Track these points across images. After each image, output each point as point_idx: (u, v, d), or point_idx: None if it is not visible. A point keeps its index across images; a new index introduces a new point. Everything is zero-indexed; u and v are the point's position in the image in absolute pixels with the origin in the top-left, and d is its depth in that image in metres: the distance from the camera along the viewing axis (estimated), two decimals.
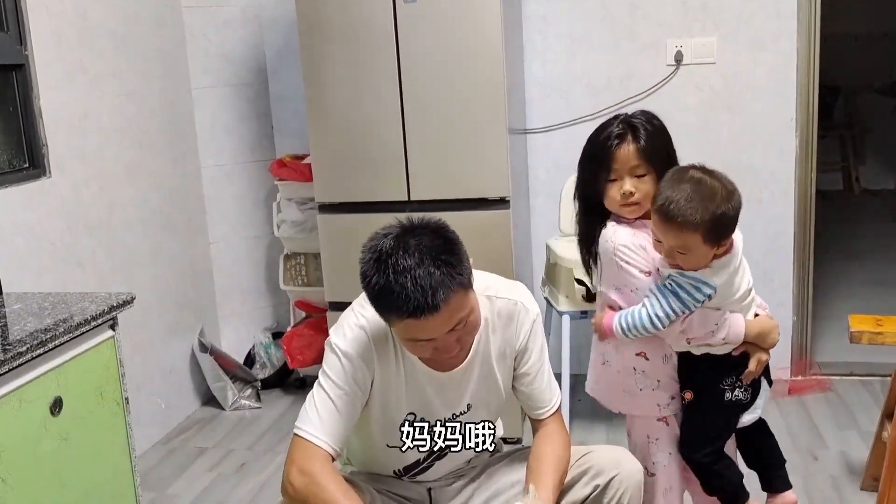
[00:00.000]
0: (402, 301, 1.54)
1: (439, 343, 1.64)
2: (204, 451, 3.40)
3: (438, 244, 1.59)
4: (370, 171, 3.17)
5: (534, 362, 1.87)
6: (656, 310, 1.92)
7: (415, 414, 1.83)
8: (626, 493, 1.80)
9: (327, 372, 1.75)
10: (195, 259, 3.78)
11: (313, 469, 1.66)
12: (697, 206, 1.81)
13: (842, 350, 3.85)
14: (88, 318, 2.11)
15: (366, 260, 1.60)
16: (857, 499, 2.78)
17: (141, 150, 3.39)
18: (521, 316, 1.84)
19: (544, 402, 1.90)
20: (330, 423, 1.71)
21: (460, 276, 1.59)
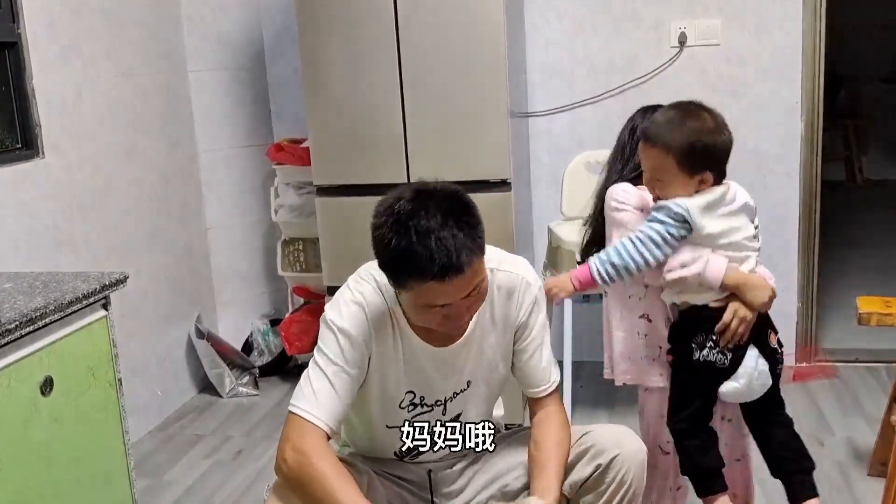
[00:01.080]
0: (427, 262, 1.51)
1: (452, 310, 1.61)
2: (201, 438, 3.35)
3: (458, 207, 1.56)
4: (369, 153, 3.12)
5: (534, 338, 1.83)
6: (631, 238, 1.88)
7: (414, 392, 1.79)
8: (628, 473, 1.75)
9: (323, 349, 1.70)
10: (192, 244, 3.74)
11: (307, 447, 1.62)
12: (676, 129, 1.82)
13: (847, 337, 3.83)
14: (80, 296, 2.06)
15: (383, 223, 1.56)
16: (864, 484, 2.74)
17: (136, 133, 3.34)
18: (522, 290, 1.80)
19: (543, 380, 1.86)
20: (326, 401, 1.66)
21: (479, 239, 1.57)
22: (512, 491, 1.87)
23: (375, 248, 1.59)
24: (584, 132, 3.62)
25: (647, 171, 1.90)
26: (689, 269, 1.88)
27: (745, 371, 1.94)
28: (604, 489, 1.76)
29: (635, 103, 3.55)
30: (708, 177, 1.88)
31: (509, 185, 3.06)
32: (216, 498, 2.90)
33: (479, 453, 1.93)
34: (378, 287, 1.74)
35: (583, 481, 1.78)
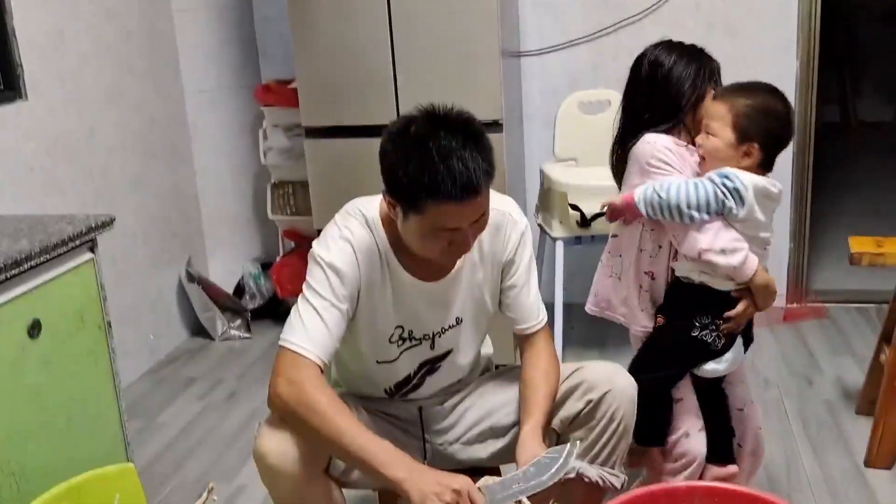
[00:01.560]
0: (450, 181, 1.51)
1: (459, 236, 1.61)
2: (193, 381, 3.36)
3: (473, 131, 1.58)
4: (358, 94, 3.08)
5: (521, 274, 1.83)
6: (689, 190, 1.84)
7: (402, 327, 1.79)
8: (619, 409, 1.76)
9: (312, 284, 1.69)
10: (180, 188, 3.70)
11: (301, 379, 1.61)
12: (747, 96, 1.87)
13: (838, 278, 3.84)
14: (66, 238, 2.04)
15: (399, 143, 1.57)
16: (851, 423, 2.76)
17: (120, 74, 3.28)
18: (509, 227, 1.81)
19: (531, 317, 1.85)
20: (316, 335, 1.65)
21: (492, 163, 1.58)
22: (502, 427, 1.88)
23: (389, 172, 1.58)
24: (578, 72, 3.57)
25: (706, 119, 1.90)
26: (728, 259, 1.86)
27: (732, 356, 1.99)
28: (594, 424, 1.77)
29: (630, 42, 3.53)
30: (753, 150, 1.87)
31: (501, 126, 3.02)
32: (209, 439, 2.92)
33: (470, 389, 1.94)
34: (366, 222, 1.72)
35: (573, 416, 1.79)
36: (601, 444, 1.78)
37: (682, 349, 1.99)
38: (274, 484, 1.70)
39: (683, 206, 1.84)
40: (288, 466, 1.65)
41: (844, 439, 2.67)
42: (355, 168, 3.07)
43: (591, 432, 1.78)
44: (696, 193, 1.83)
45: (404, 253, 1.72)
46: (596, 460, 1.79)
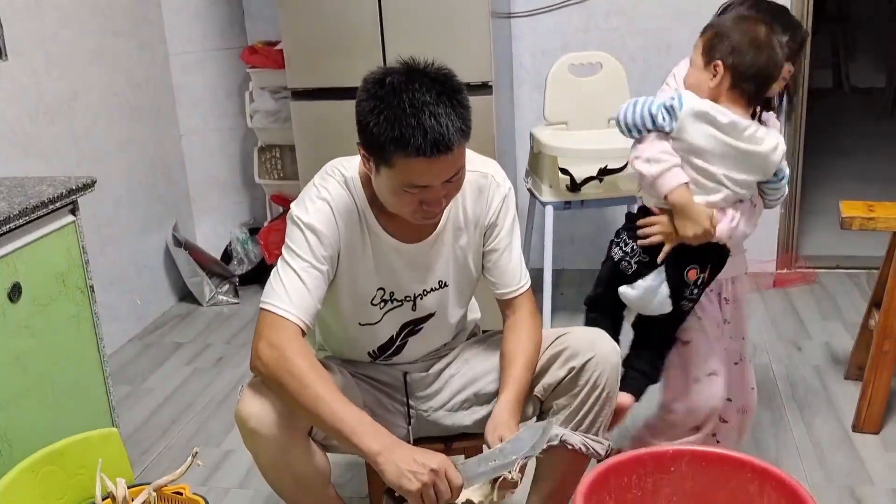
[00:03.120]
0: (420, 135, 1.48)
1: (430, 194, 1.57)
2: (181, 346, 3.34)
3: (451, 87, 1.54)
4: (345, 55, 3.02)
5: (502, 238, 1.80)
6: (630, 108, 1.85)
7: (384, 289, 1.76)
8: (602, 376, 1.74)
9: (291, 246, 1.66)
10: (166, 151, 3.65)
11: (282, 342, 1.59)
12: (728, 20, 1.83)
13: (828, 244, 3.83)
14: (45, 200, 2.00)
15: (373, 95, 1.52)
16: (840, 387, 2.77)
17: (103, 35, 3.21)
18: (491, 190, 1.77)
19: (512, 281, 1.82)
20: (297, 297, 1.63)
21: (468, 122, 1.54)
22: (486, 394, 1.86)
23: (361, 122, 1.54)
24: (569, 33, 3.52)
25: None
26: (649, 168, 1.83)
27: (643, 285, 1.91)
28: (577, 391, 1.75)
29: (622, 3, 3.48)
30: (718, 69, 1.80)
31: (490, 89, 2.98)
32: (197, 403, 2.91)
33: (455, 355, 1.93)
34: (345, 182, 1.70)
35: (556, 384, 1.77)
36: (584, 411, 1.76)
37: (604, 267, 2.00)
38: (256, 447, 1.69)
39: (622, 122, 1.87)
40: (269, 430, 1.63)
41: (833, 404, 2.68)
42: (342, 130, 2.99)
43: (574, 399, 1.76)
44: (634, 111, 1.85)
45: (384, 213, 1.70)
46: (579, 428, 1.78)
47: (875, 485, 2.28)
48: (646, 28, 3.49)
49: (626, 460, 1.68)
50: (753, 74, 1.80)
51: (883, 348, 2.45)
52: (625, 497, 1.67)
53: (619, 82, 3.23)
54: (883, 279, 2.55)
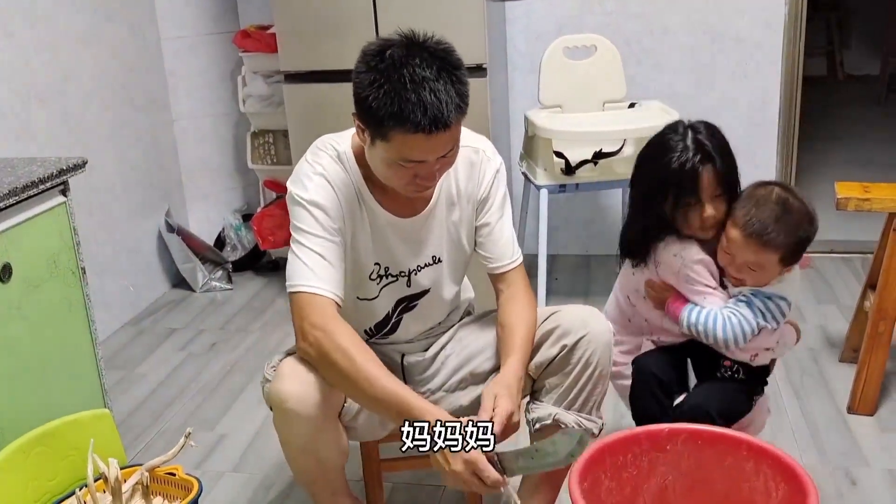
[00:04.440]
0: (419, 111, 1.46)
1: (424, 169, 1.56)
2: (174, 332, 3.32)
3: (451, 62, 1.52)
4: (338, 38, 3.00)
5: (494, 212, 1.80)
6: (742, 326, 1.88)
7: (380, 263, 1.76)
8: (594, 354, 1.73)
9: (299, 226, 1.64)
10: (158, 136, 3.62)
11: (325, 322, 1.58)
12: (783, 228, 1.81)
13: (823, 228, 3.72)
14: (35, 180, 1.98)
15: (372, 67, 1.50)
16: (835, 370, 2.77)
17: (94, 17, 3.18)
18: (483, 164, 1.77)
19: (505, 255, 1.81)
20: (323, 272, 1.61)
21: (466, 98, 1.54)
22: (482, 373, 1.86)
23: (360, 94, 1.52)
24: (564, 16, 3.50)
25: (743, 263, 1.86)
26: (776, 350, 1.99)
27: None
28: (569, 370, 1.74)
29: None
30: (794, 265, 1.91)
31: (485, 72, 2.96)
32: (190, 388, 2.89)
33: (450, 336, 1.91)
34: (338, 157, 1.68)
35: (548, 362, 1.76)
36: (577, 389, 1.76)
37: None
38: (290, 428, 1.67)
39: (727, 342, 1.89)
40: (308, 410, 1.62)
41: (828, 386, 2.68)
42: (336, 114, 2.98)
43: (567, 378, 1.75)
44: (735, 331, 1.87)
45: (378, 187, 1.69)
46: (572, 406, 1.77)
47: (870, 465, 2.28)
48: (640, 12, 3.47)
49: (621, 439, 1.67)
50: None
51: (878, 329, 2.45)
52: (620, 475, 1.67)
53: (613, 65, 3.22)
54: (878, 261, 2.55)
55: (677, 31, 3.48)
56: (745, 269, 1.87)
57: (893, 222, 2.42)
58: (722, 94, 3.53)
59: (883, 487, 2.19)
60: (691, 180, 1.85)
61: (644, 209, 1.96)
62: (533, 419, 1.81)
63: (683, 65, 3.51)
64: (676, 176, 1.86)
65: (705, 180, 1.85)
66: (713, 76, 3.52)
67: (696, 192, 1.85)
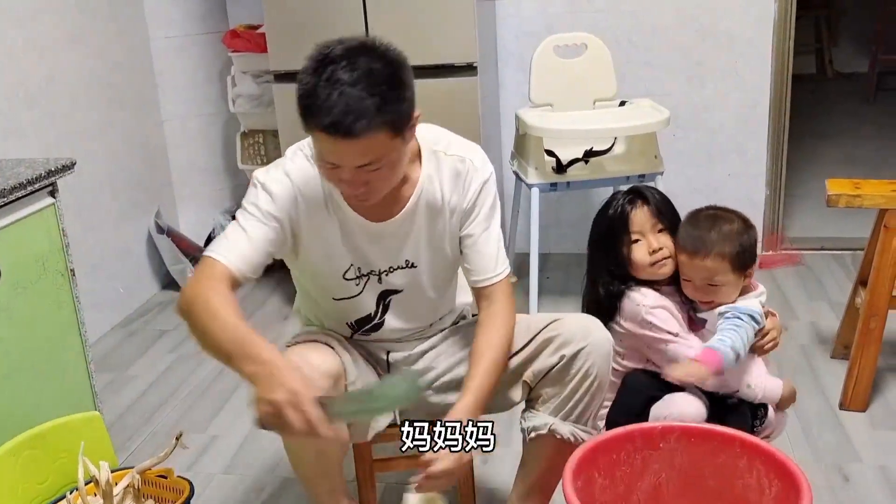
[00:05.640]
0: (324, 111, 1.45)
1: (344, 175, 1.53)
2: (165, 333, 3.31)
3: (386, 74, 1.48)
4: (328, 36, 2.92)
5: (479, 223, 1.74)
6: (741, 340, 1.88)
7: (353, 264, 1.75)
8: (594, 365, 1.72)
9: (243, 204, 1.68)
10: (147, 137, 3.60)
11: (204, 279, 1.58)
12: (719, 236, 1.88)
13: (813, 225, 3.85)
14: (24, 182, 1.97)
15: (312, 56, 1.51)
16: (826, 366, 2.77)
17: (81, 16, 3.17)
18: (469, 175, 1.72)
19: (486, 269, 1.75)
20: (235, 245, 1.62)
21: (391, 115, 1.48)
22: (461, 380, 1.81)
23: (298, 76, 1.53)
24: (554, 14, 3.50)
25: (701, 280, 1.92)
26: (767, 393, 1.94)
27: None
28: (568, 380, 1.73)
29: None
30: (752, 271, 1.95)
31: (475, 70, 2.96)
32: (181, 390, 2.88)
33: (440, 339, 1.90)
34: (312, 156, 1.67)
35: (546, 371, 1.75)
36: (575, 400, 1.74)
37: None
38: None
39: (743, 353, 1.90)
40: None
41: (820, 383, 2.68)
42: None
43: (565, 388, 1.74)
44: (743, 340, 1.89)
45: None
46: (569, 417, 1.76)
47: (862, 462, 2.28)
48: (630, 10, 3.48)
49: (614, 437, 1.67)
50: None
51: (869, 326, 2.45)
52: (613, 473, 1.66)
53: (603, 63, 3.22)
54: (869, 257, 2.56)
55: (667, 30, 3.49)
56: (707, 289, 1.93)
57: (884, 219, 2.43)
58: (712, 91, 3.53)
59: (875, 483, 2.19)
60: (624, 219, 1.97)
61: (598, 264, 2.05)
62: (528, 428, 1.80)
63: (674, 63, 3.52)
64: (612, 220, 1.99)
65: (640, 215, 1.97)
66: (703, 74, 3.52)
67: (629, 228, 1.96)
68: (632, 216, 1.97)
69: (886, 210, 2.41)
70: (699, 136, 3.60)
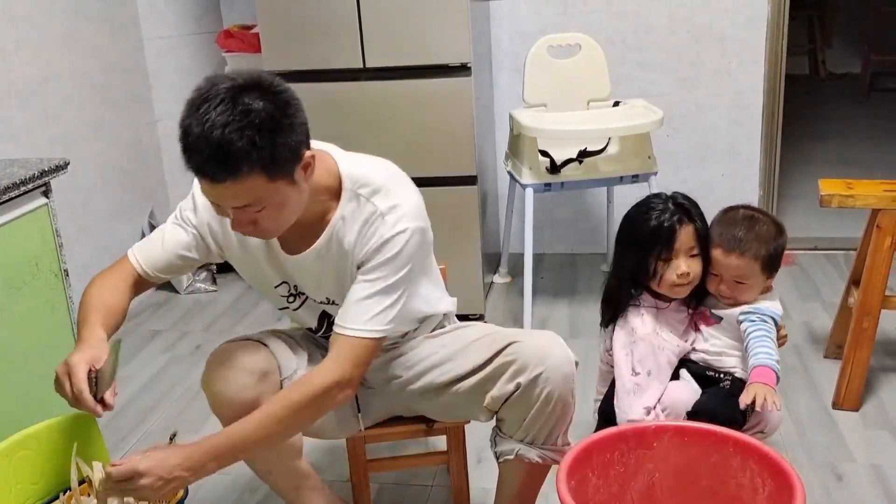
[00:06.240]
0: (194, 152, 1.41)
1: (229, 213, 1.50)
2: (158, 334, 3.30)
3: (264, 118, 1.40)
4: (322, 36, 2.99)
5: (364, 271, 1.61)
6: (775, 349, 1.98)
7: (287, 283, 1.74)
8: (553, 391, 1.67)
9: (179, 204, 1.74)
10: (141, 137, 3.60)
11: (105, 273, 1.72)
12: (756, 238, 1.97)
13: (807, 225, 3.85)
14: (17, 182, 1.96)
15: (198, 89, 1.45)
16: (819, 366, 2.78)
17: (76, 18, 3.16)
18: (374, 226, 1.60)
19: (344, 317, 1.61)
20: (150, 247, 1.72)
21: (266, 161, 1.41)
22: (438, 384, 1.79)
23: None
24: (548, 15, 3.51)
25: (730, 277, 1.99)
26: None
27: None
28: (528, 406, 1.70)
29: None
30: (776, 274, 2.03)
31: (469, 71, 2.96)
32: (175, 391, 2.87)
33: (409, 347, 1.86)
34: None
35: (506, 397, 1.71)
36: (539, 426, 1.72)
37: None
38: (222, 411, 1.75)
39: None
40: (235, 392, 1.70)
41: (813, 382, 2.69)
42: (320, 113, 2.99)
43: (527, 413, 1.70)
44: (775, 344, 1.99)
45: None
46: (536, 441, 1.74)
47: (856, 461, 2.29)
48: (624, 10, 3.48)
49: (608, 436, 1.67)
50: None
51: (862, 325, 2.46)
52: (607, 473, 1.67)
53: (597, 64, 3.22)
54: (862, 257, 2.56)
55: (661, 30, 3.50)
56: (734, 285, 2.00)
57: (877, 219, 2.44)
58: (706, 92, 3.54)
59: (868, 483, 2.20)
60: (669, 235, 1.97)
61: (623, 262, 2.07)
62: (497, 453, 1.80)
63: (667, 63, 3.53)
64: (656, 231, 1.99)
65: (683, 236, 1.98)
66: (697, 75, 3.53)
67: (672, 246, 1.97)
68: (677, 235, 1.97)
69: (879, 210, 2.42)
70: (693, 137, 3.61)
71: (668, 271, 1.98)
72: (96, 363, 1.54)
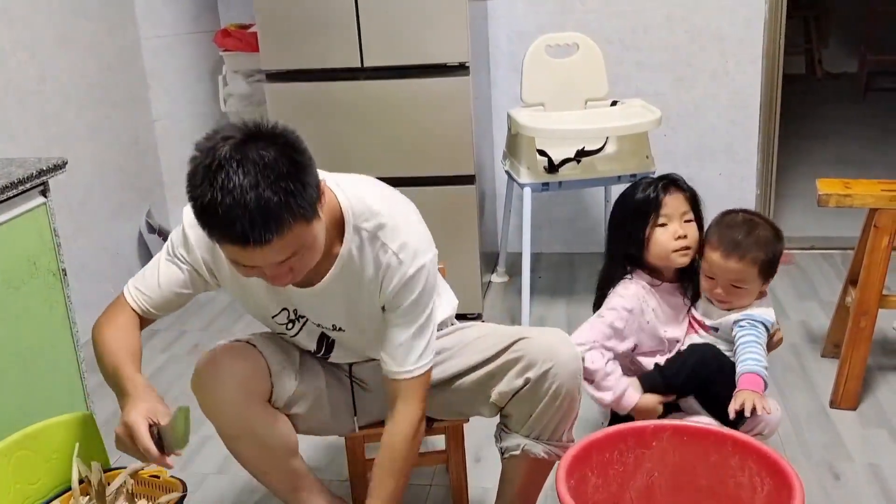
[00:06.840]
0: (228, 224, 1.33)
1: (267, 271, 1.45)
2: (156, 333, 3.30)
3: (283, 164, 1.35)
4: (320, 35, 2.99)
5: (401, 314, 1.63)
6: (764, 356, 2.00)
7: (287, 309, 1.73)
8: (561, 386, 1.69)
9: (170, 240, 1.69)
10: (138, 136, 3.59)
11: (109, 316, 1.70)
12: (755, 242, 1.96)
13: (804, 225, 3.86)
14: (15, 181, 1.95)
15: (197, 162, 1.36)
16: (817, 365, 2.78)
17: (72, 17, 3.15)
18: (391, 270, 1.60)
19: (395, 360, 1.65)
20: (148, 284, 1.70)
21: (302, 207, 1.37)
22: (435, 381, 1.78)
23: (186, 188, 1.39)
24: (545, 15, 3.51)
25: (726, 281, 1.99)
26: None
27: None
28: (536, 402, 1.71)
29: None
30: (771, 280, 2.04)
31: (467, 70, 2.96)
32: (173, 391, 2.87)
33: None
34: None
35: (513, 393, 1.72)
36: (546, 421, 1.73)
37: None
38: (214, 412, 1.76)
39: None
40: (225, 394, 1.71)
41: (810, 381, 2.69)
42: (318, 113, 3.00)
43: (535, 409, 1.72)
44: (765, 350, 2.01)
45: None
46: (542, 437, 1.75)
47: (853, 460, 2.29)
48: (622, 10, 3.49)
49: (607, 436, 1.67)
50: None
51: (859, 324, 2.47)
52: (606, 472, 1.67)
53: (595, 63, 3.23)
54: (859, 256, 2.57)
55: (659, 30, 3.50)
56: (729, 289, 1.99)
57: (874, 218, 2.44)
58: (703, 92, 3.55)
59: (866, 482, 2.21)
60: (657, 202, 2.01)
61: (618, 243, 2.09)
62: (502, 448, 1.80)
63: (665, 63, 3.53)
64: (644, 201, 2.02)
65: (674, 202, 2.02)
66: (694, 74, 3.54)
67: (663, 212, 2.00)
68: (665, 199, 2.00)
69: (876, 210, 2.43)
70: (690, 137, 3.62)
71: (665, 237, 1.99)
72: (153, 415, 1.52)
